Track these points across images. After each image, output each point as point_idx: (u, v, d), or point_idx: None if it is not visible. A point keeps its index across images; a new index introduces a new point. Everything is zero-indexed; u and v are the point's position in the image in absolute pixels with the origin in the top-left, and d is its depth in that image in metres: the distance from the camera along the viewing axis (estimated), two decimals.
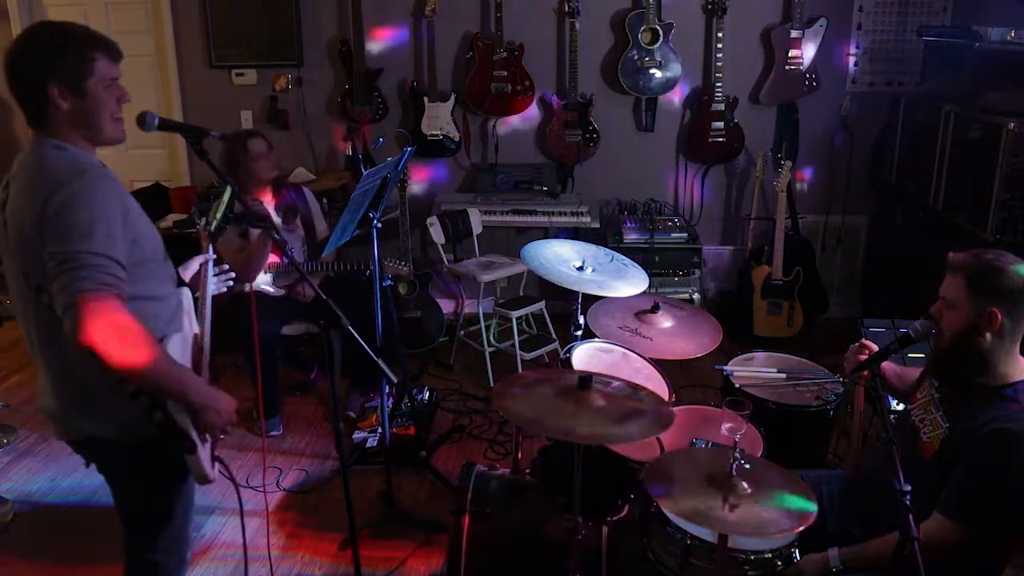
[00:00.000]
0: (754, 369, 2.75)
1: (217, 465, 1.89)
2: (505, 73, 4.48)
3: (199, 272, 2.13)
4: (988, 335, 1.84)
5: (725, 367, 2.74)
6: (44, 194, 1.61)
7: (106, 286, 1.57)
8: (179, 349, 1.80)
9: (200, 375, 1.90)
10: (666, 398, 2.38)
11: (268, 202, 3.61)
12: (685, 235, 4.41)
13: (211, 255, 2.14)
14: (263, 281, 3.68)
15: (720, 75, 4.47)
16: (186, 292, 2.01)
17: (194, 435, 1.75)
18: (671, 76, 4.50)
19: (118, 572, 2.75)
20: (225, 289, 2.20)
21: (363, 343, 2.09)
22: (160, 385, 1.67)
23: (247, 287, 3.52)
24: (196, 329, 2.00)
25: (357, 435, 3.48)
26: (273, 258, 3.47)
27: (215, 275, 2.17)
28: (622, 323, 2.57)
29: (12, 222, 1.68)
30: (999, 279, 1.81)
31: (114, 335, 1.56)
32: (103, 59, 1.72)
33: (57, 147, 1.70)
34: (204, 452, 1.80)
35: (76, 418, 1.81)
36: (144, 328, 1.63)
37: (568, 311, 2.68)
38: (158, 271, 1.84)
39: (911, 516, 1.53)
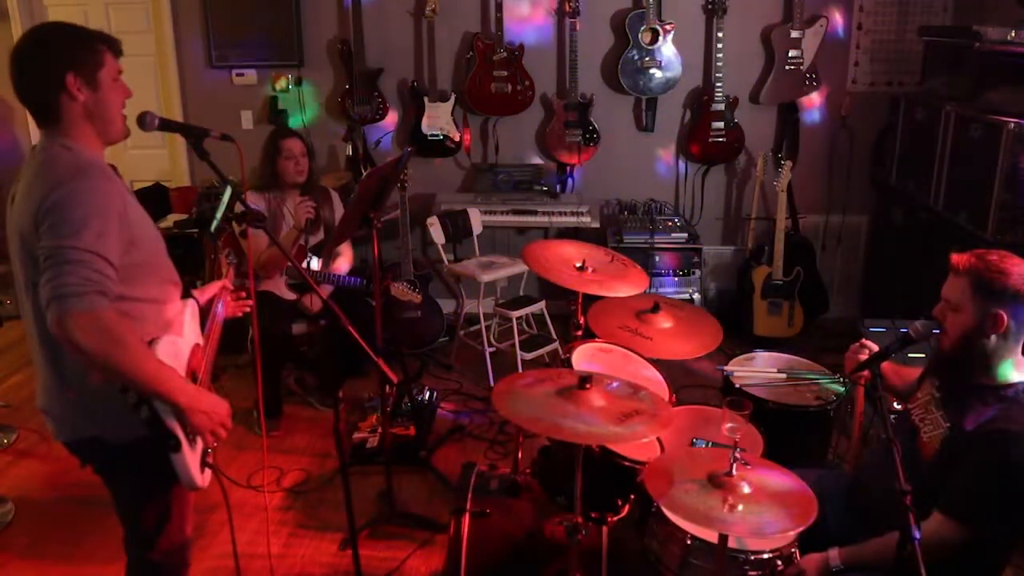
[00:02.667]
0: (754, 369, 2.75)
1: (208, 472, 1.88)
2: (505, 73, 4.48)
3: (215, 296, 2.14)
4: (992, 337, 1.83)
5: (725, 367, 2.74)
6: (43, 191, 1.63)
7: (90, 283, 1.58)
8: (172, 352, 1.80)
9: (198, 384, 1.89)
10: (666, 398, 2.38)
11: (298, 205, 3.60)
12: (685, 235, 4.41)
13: (230, 282, 2.17)
14: (279, 282, 3.70)
15: (720, 75, 4.47)
16: (191, 303, 2.02)
17: (180, 434, 1.75)
18: (671, 76, 4.50)
19: (118, 572, 2.76)
20: (240, 314, 2.23)
21: (363, 343, 2.09)
22: (141, 382, 1.66)
23: (259, 286, 3.57)
24: (200, 340, 2.00)
25: (357, 435, 3.48)
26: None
27: (233, 300, 2.22)
28: (622, 323, 2.57)
29: (16, 219, 1.71)
30: (1004, 282, 1.80)
31: (94, 330, 1.57)
32: (108, 52, 1.77)
33: (64, 147, 1.72)
34: (192, 455, 1.79)
35: (72, 418, 1.81)
36: (128, 327, 1.64)
37: (568, 311, 2.68)
38: (157, 274, 1.85)
39: (911, 516, 1.53)
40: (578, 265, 2.62)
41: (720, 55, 4.45)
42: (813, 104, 4.63)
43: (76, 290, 1.56)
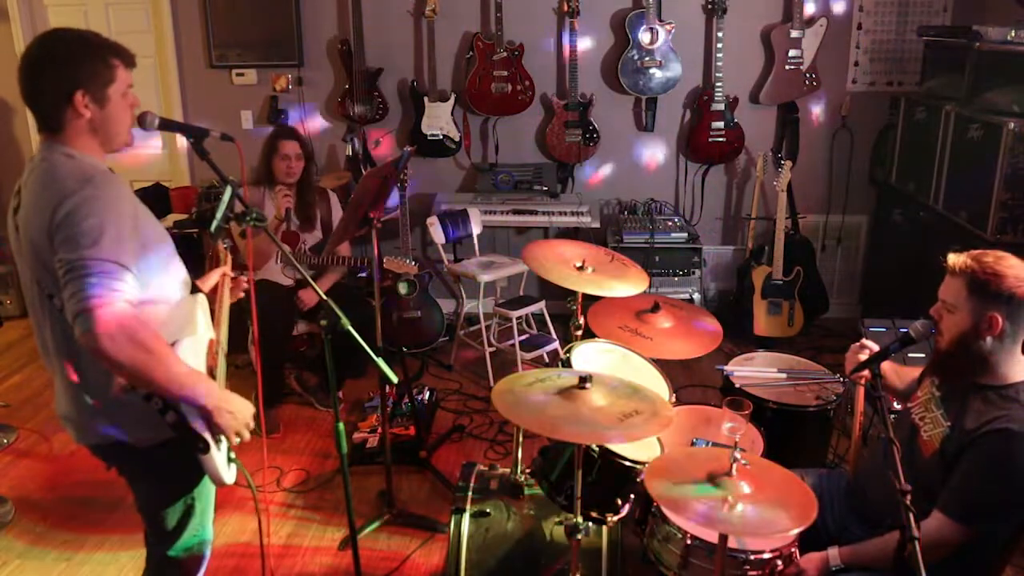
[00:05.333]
0: (754, 369, 2.75)
1: (234, 467, 1.88)
2: (505, 73, 4.49)
3: (219, 283, 2.14)
4: (989, 338, 1.83)
5: (725, 367, 2.74)
6: (53, 202, 1.62)
7: (115, 292, 1.57)
8: (192, 353, 1.80)
9: (215, 380, 1.90)
10: (666, 398, 2.38)
11: (277, 194, 3.69)
12: (685, 235, 4.41)
13: (230, 269, 2.17)
14: (275, 270, 3.73)
15: (720, 75, 4.47)
16: (200, 298, 2.02)
17: (208, 436, 1.75)
18: (671, 76, 4.50)
19: (117, 572, 2.77)
20: (242, 294, 2.23)
21: (363, 343, 2.09)
22: (170, 388, 1.66)
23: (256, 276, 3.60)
24: (212, 335, 2.01)
25: (357, 435, 3.48)
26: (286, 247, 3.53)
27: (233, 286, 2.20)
28: (622, 323, 2.57)
29: (24, 229, 1.70)
30: (1000, 284, 1.80)
31: (124, 341, 1.56)
32: (121, 66, 1.75)
33: (67, 155, 1.70)
34: (219, 454, 1.80)
35: (93, 423, 1.81)
36: (155, 334, 1.64)
37: (568, 311, 2.68)
38: (169, 274, 1.85)
39: (911, 515, 1.53)
40: (578, 265, 2.62)
41: (720, 55, 4.45)
42: (813, 104, 4.63)
43: (102, 301, 1.55)
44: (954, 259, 1.88)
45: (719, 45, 4.44)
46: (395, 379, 2.14)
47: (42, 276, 1.69)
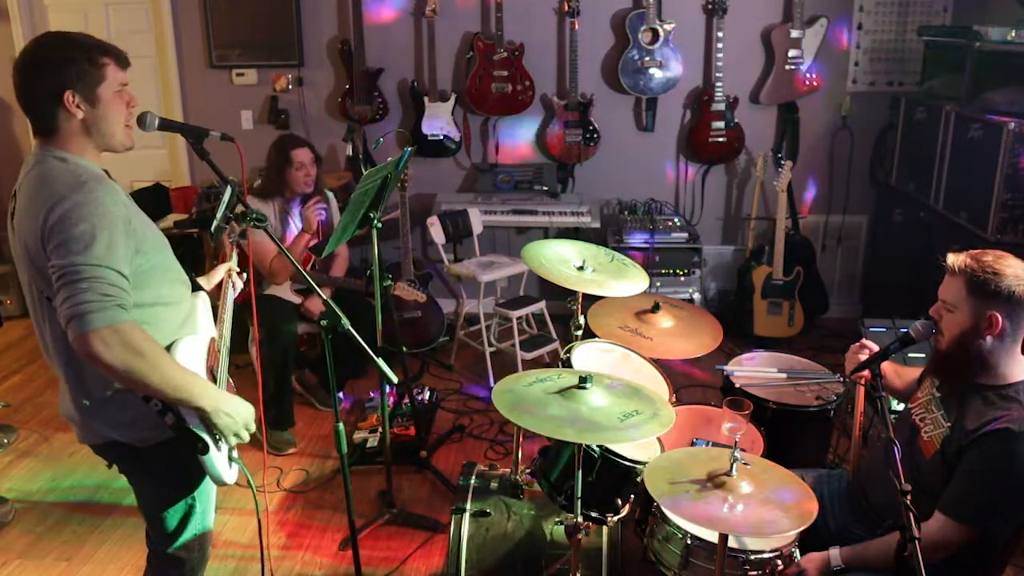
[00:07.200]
0: (754, 369, 2.75)
1: (235, 467, 1.89)
2: (505, 73, 4.49)
3: (224, 280, 2.15)
4: (988, 338, 1.83)
5: (725, 367, 2.74)
6: (45, 208, 1.62)
7: (107, 297, 1.58)
8: (191, 353, 1.80)
9: (216, 380, 1.90)
10: (666, 398, 2.38)
11: (309, 208, 3.58)
12: (685, 235, 4.41)
13: (235, 265, 2.17)
14: (284, 286, 3.68)
15: (720, 75, 4.47)
16: (202, 296, 2.02)
17: (207, 437, 1.76)
18: (671, 76, 4.50)
19: (117, 572, 2.77)
20: (241, 287, 2.24)
21: (363, 343, 2.09)
22: (166, 391, 1.66)
23: (265, 290, 3.58)
24: (214, 333, 2.01)
25: (357, 435, 3.48)
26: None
27: (241, 280, 2.22)
28: (622, 323, 2.57)
29: (19, 234, 1.71)
30: (999, 283, 1.80)
31: (117, 346, 1.57)
32: (112, 65, 1.75)
33: (59, 159, 1.71)
34: (219, 454, 1.80)
35: (94, 423, 1.82)
36: (149, 337, 1.64)
37: (568, 311, 2.68)
38: (167, 276, 1.85)
39: (912, 516, 1.54)
40: (578, 265, 2.62)
41: (720, 55, 4.45)
42: (813, 104, 4.63)
43: (95, 307, 1.56)
44: (953, 259, 1.88)
45: (719, 45, 4.44)
46: (395, 379, 2.14)
47: (38, 278, 1.70)
